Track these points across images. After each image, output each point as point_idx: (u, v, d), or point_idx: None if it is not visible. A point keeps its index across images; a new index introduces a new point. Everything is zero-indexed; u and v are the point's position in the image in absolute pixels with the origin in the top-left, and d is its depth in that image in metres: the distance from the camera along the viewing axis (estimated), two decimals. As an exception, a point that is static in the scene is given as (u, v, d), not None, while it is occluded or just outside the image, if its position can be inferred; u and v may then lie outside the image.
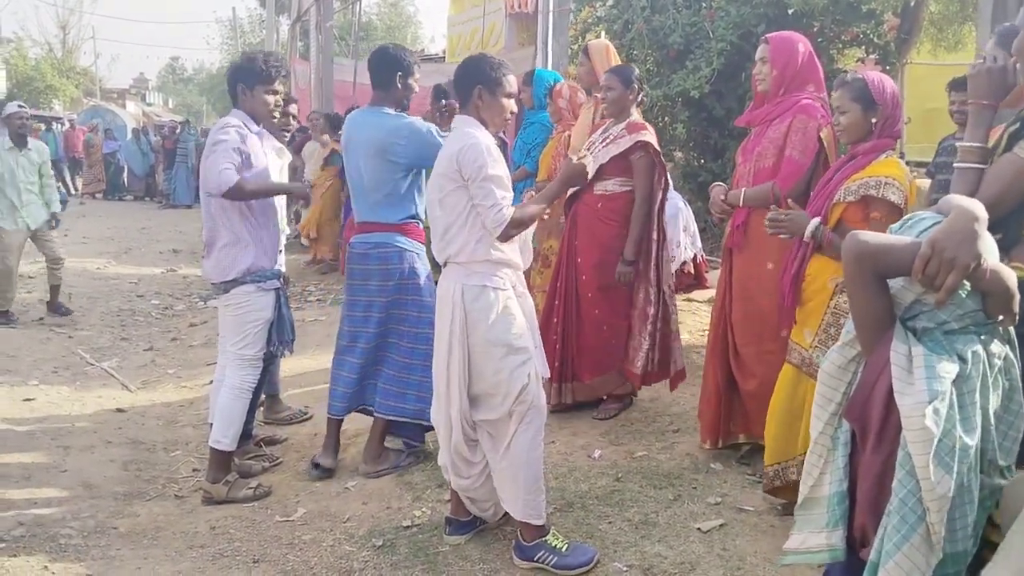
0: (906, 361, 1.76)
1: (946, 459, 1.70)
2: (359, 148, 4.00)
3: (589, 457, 4.21)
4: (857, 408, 1.89)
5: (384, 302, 4.05)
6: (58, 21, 41.06)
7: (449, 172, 3.14)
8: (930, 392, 1.70)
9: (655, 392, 5.06)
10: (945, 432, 1.70)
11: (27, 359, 6.54)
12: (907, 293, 1.80)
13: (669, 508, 3.62)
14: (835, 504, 1.97)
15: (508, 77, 3.28)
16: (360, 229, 4.11)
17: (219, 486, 4.04)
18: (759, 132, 3.86)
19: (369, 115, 4.04)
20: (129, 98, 41.81)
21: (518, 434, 3.19)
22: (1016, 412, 1.86)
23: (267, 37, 26.82)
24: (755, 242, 3.78)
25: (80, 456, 4.64)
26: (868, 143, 3.16)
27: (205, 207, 4.05)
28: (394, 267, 4.01)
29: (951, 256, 1.67)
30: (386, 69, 4.01)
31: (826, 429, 2.01)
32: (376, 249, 4.02)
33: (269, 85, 4.07)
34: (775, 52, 3.77)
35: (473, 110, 3.25)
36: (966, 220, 1.70)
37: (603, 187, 4.58)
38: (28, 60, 36.17)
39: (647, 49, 9.03)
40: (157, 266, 11.21)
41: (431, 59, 20.16)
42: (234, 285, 3.99)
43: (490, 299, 3.16)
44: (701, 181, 9.02)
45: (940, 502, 1.70)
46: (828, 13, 8.71)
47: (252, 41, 41.13)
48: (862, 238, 1.82)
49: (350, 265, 4.15)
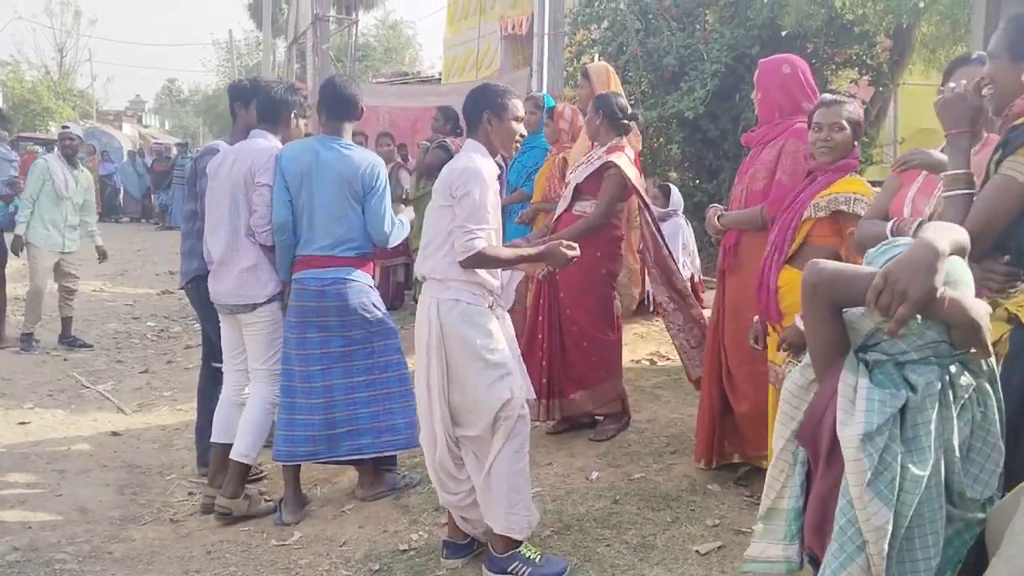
0: (852, 392, 1.78)
1: (884, 491, 1.71)
2: (319, 178, 3.89)
3: (587, 479, 4.20)
4: (807, 433, 1.91)
5: (346, 338, 3.92)
6: (55, 44, 41.23)
7: (442, 188, 3.23)
8: (867, 424, 1.71)
9: (652, 413, 5.06)
10: (884, 463, 1.71)
11: (23, 382, 6.52)
12: (866, 321, 1.81)
13: (667, 530, 3.61)
14: (792, 519, 2.02)
15: (514, 101, 3.37)
16: (314, 263, 3.92)
17: (239, 501, 4.05)
18: (754, 154, 3.91)
19: (326, 144, 3.94)
20: (125, 120, 41.78)
21: (503, 448, 3.21)
22: (992, 445, 1.85)
23: (264, 59, 26.98)
24: (746, 264, 3.82)
25: (75, 480, 4.62)
26: (842, 162, 3.31)
27: (224, 227, 4.06)
28: (354, 302, 3.91)
29: (903, 288, 1.68)
30: (344, 105, 4.01)
31: (787, 446, 2.03)
32: (333, 286, 3.88)
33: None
34: (760, 77, 3.89)
35: (482, 135, 3.34)
36: (924, 253, 1.71)
37: (581, 208, 4.62)
38: (25, 83, 36.23)
39: (642, 71, 9.08)
40: (153, 288, 11.20)
41: (427, 81, 20.26)
42: (262, 305, 4.06)
43: (464, 312, 3.20)
44: (696, 201, 9.04)
45: (877, 533, 1.70)
46: (821, 35, 8.78)
47: (248, 63, 41.28)
48: (820, 266, 1.83)
49: (300, 302, 3.92)
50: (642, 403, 5.30)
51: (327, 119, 4.01)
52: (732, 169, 7.21)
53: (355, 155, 3.92)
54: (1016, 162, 2.24)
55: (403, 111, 15.57)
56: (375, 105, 15.87)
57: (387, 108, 15.85)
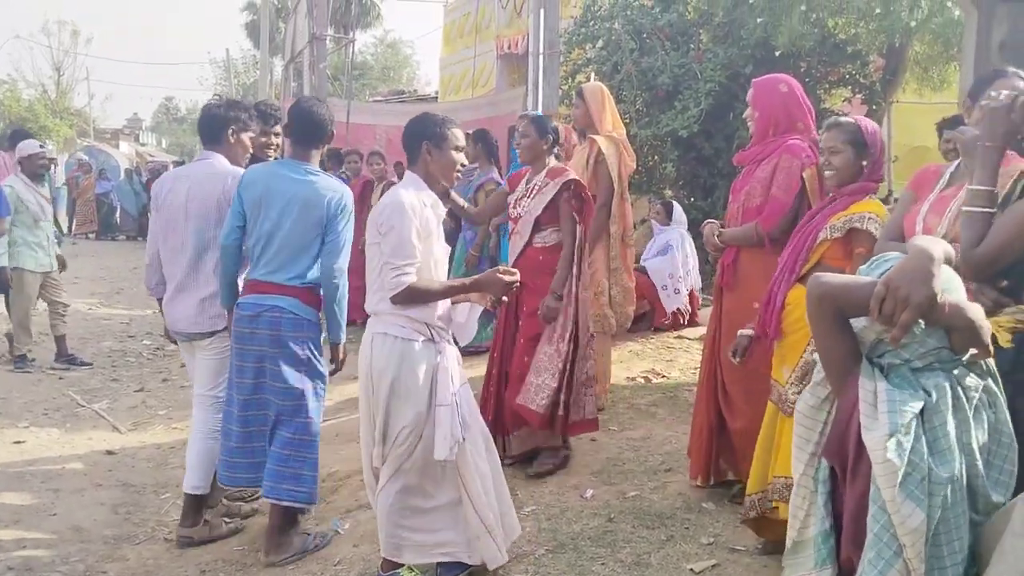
0: (872, 397, 1.79)
1: (915, 492, 1.71)
2: (279, 204, 3.72)
3: (581, 497, 4.19)
4: (834, 445, 1.91)
5: (274, 371, 3.73)
6: (53, 63, 41.38)
7: (371, 225, 3.25)
8: (891, 425, 1.72)
9: (647, 431, 5.06)
10: (912, 465, 1.71)
11: (18, 401, 6.51)
12: (869, 332, 1.84)
13: (662, 549, 3.61)
14: (820, 543, 1.98)
15: (453, 131, 3.34)
16: (258, 288, 3.76)
17: (199, 528, 4.04)
18: (748, 171, 3.93)
19: (291, 169, 3.80)
20: (123, 138, 41.91)
21: (387, 485, 3.26)
22: (1008, 445, 1.87)
23: (261, 78, 27.07)
24: (744, 281, 3.84)
25: (70, 499, 4.61)
26: (855, 185, 3.27)
27: (185, 254, 4.01)
28: (286, 335, 3.72)
29: (905, 294, 1.71)
30: (313, 129, 3.85)
31: (807, 470, 2.02)
32: (269, 313, 3.71)
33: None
34: (756, 96, 3.89)
35: (421, 166, 3.33)
36: (921, 259, 1.74)
37: (542, 239, 4.47)
38: (22, 101, 36.33)
39: (636, 90, 9.14)
40: (148, 307, 11.15)
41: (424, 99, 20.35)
42: (220, 332, 4.01)
43: (391, 346, 3.20)
44: (691, 219, 9.10)
45: (914, 536, 1.70)
46: (815, 54, 8.87)
47: (246, 82, 41.45)
48: (823, 279, 1.86)
49: (237, 327, 3.78)
50: (637, 421, 5.31)
51: (293, 143, 3.86)
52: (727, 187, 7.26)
53: (320, 182, 3.76)
54: None
55: (400, 129, 15.58)
56: (372, 124, 15.97)
57: (384, 127, 15.93)
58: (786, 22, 7.60)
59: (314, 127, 3.82)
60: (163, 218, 4.10)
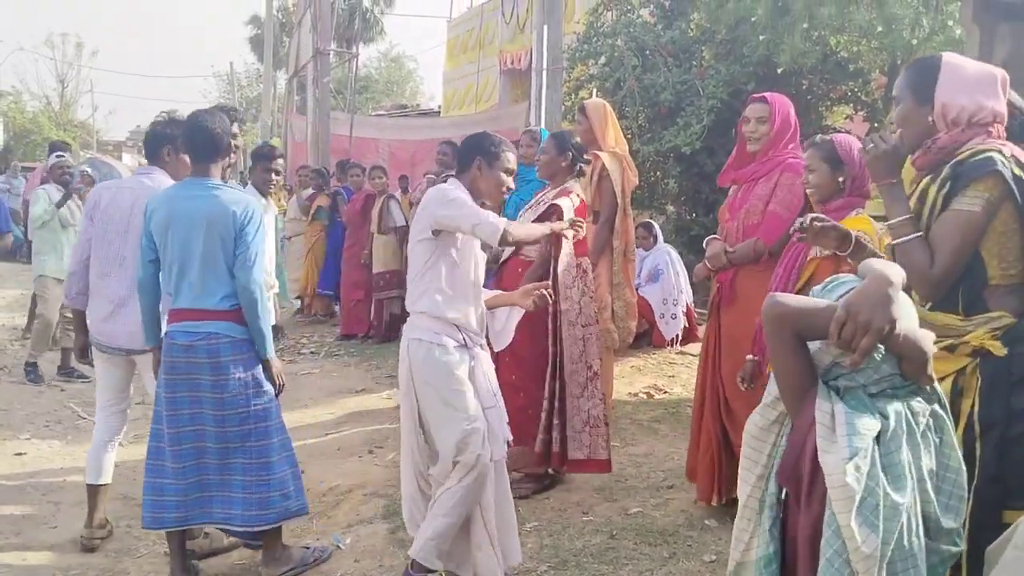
0: (829, 419, 1.77)
1: (870, 517, 1.69)
2: (184, 225, 3.53)
3: (583, 514, 4.19)
4: (788, 469, 1.88)
5: (217, 399, 3.51)
6: (57, 75, 41.53)
7: (423, 220, 3.31)
8: (851, 449, 1.71)
9: (649, 448, 5.06)
10: (868, 490, 1.70)
11: (20, 413, 6.51)
12: (824, 355, 1.83)
13: (664, 566, 3.60)
14: (762, 567, 1.94)
15: (507, 154, 3.42)
16: (184, 317, 3.55)
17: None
18: (746, 189, 3.94)
19: (192, 187, 3.61)
20: (125, 150, 41.97)
21: (453, 488, 3.25)
22: (956, 470, 1.85)
23: (264, 91, 27.18)
24: (743, 298, 3.85)
25: (71, 511, 4.60)
26: (839, 200, 3.33)
27: (128, 268, 3.89)
28: (226, 359, 3.52)
29: (866, 319, 1.71)
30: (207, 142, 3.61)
31: (754, 492, 1.99)
32: (205, 341, 3.51)
33: None
34: (775, 111, 3.88)
35: (470, 178, 3.40)
36: (880, 284, 1.74)
37: (526, 254, 4.52)
38: (26, 113, 36.44)
39: (639, 106, 9.16)
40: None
41: (427, 114, 20.42)
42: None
43: (428, 352, 3.27)
44: (693, 235, 9.12)
45: (867, 562, 1.67)
46: (817, 72, 8.89)
47: (249, 95, 41.60)
48: (779, 300, 1.85)
49: (169, 357, 3.55)
50: (639, 437, 5.31)
51: (190, 160, 3.68)
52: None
53: (224, 195, 3.54)
54: (973, 196, 2.27)
55: (403, 143, 15.71)
56: (375, 137, 16.05)
57: (387, 140, 16.02)
58: (788, 40, 7.61)
59: (209, 140, 3.58)
60: (100, 228, 4.00)
